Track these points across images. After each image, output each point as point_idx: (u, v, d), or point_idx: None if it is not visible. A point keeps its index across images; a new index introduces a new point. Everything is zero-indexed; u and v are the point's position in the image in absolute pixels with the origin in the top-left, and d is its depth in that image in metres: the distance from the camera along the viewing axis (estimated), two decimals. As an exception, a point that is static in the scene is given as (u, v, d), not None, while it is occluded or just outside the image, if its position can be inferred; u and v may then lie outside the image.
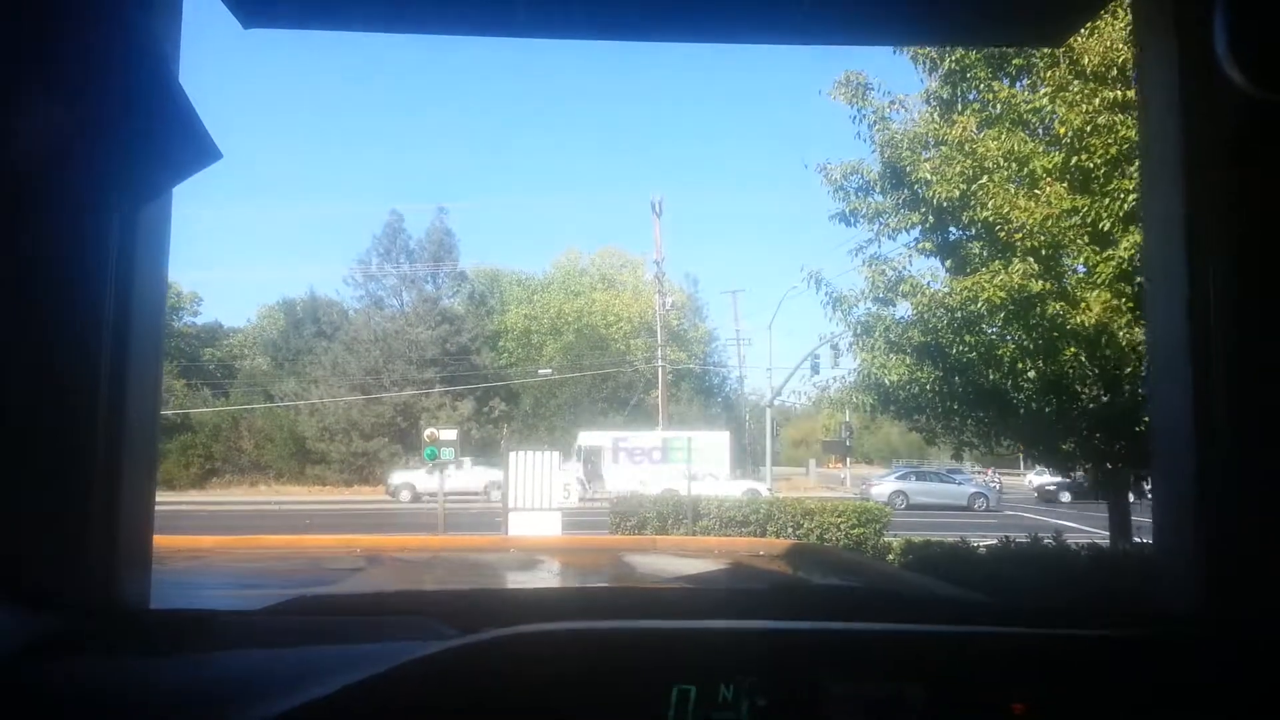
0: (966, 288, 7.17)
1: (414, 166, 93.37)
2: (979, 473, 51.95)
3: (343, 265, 56.74)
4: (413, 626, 1.24)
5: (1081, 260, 7.52)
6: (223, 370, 54.10)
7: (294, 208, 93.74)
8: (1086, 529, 22.10)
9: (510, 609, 1.37)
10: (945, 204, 7.61)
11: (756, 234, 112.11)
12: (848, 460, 54.17)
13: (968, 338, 7.63)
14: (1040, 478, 50.03)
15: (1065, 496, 43.01)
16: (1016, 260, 7.24)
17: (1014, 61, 8.38)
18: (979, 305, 7.14)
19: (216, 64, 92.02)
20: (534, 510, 11.01)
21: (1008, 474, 55.60)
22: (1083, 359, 7.72)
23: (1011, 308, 7.19)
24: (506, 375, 47.12)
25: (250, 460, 46.08)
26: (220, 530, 19.78)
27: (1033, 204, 7.24)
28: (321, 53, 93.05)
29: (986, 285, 7.10)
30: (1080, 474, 8.91)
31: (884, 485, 32.65)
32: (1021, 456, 50.07)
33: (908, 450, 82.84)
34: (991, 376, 7.88)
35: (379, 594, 2.01)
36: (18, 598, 1.17)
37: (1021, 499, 38.71)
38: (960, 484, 34.35)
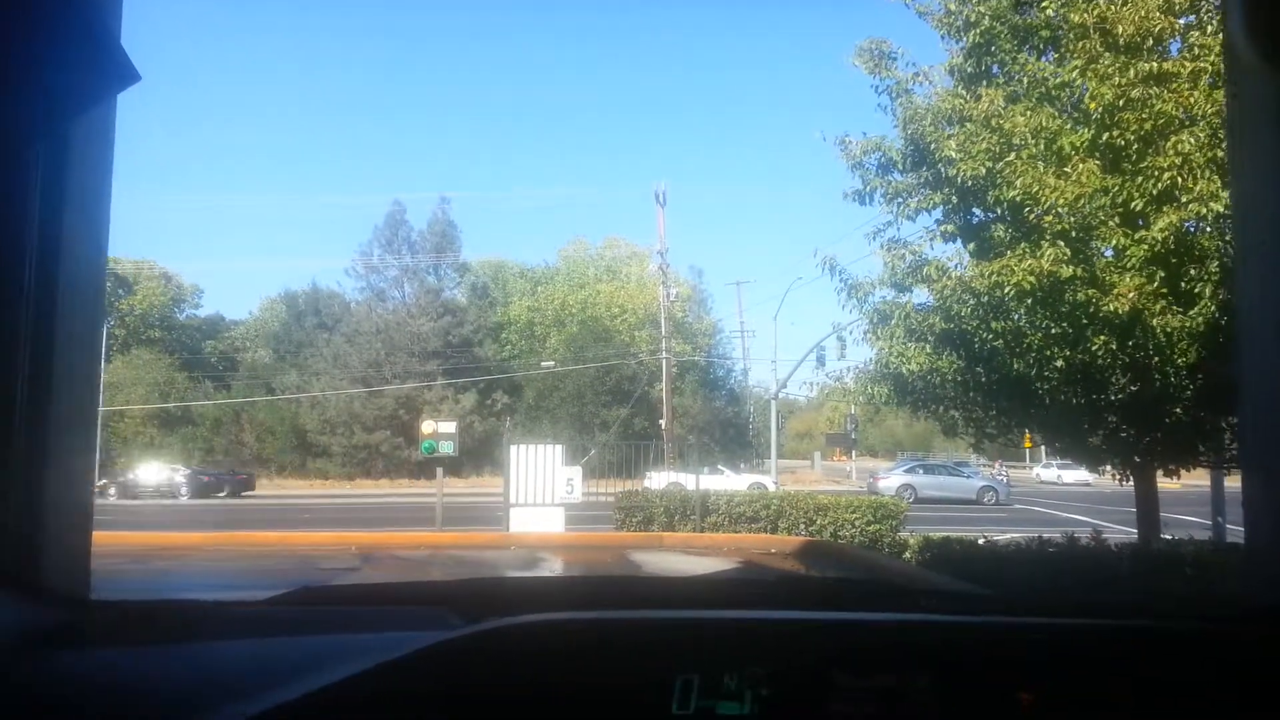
0: (995, 271, 6.75)
1: (417, 156, 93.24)
2: (985, 466, 51.62)
3: (344, 257, 56.46)
4: (418, 616, 1.24)
5: (1113, 243, 7.10)
6: (224, 363, 53.94)
7: (297, 199, 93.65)
8: (1101, 523, 21.74)
9: (516, 599, 1.35)
10: (970, 183, 7.21)
11: (762, 225, 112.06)
12: (853, 453, 53.82)
13: (994, 325, 7.22)
14: (1048, 471, 49.74)
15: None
16: (1046, 244, 6.83)
17: (1041, 33, 7.97)
18: (1007, 290, 6.72)
19: (217, 60, 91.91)
20: (536, 506, 10.64)
21: (1014, 467, 55.29)
22: (1113, 347, 7.32)
23: (1040, 294, 6.79)
24: (509, 368, 46.82)
25: (251, 454, 45.90)
26: (216, 526, 19.49)
27: (1063, 183, 6.84)
28: (325, 43, 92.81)
29: (1015, 269, 6.68)
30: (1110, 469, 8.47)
31: (891, 479, 32.23)
32: (1028, 450, 49.93)
33: (912, 443, 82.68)
34: (1016, 366, 7.49)
35: (384, 584, 2.02)
36: None
37: (1029, 492, 38.37)
38: (969, 477, 33.92)
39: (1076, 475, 47.55)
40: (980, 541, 8.58)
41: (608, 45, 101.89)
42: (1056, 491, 40.52)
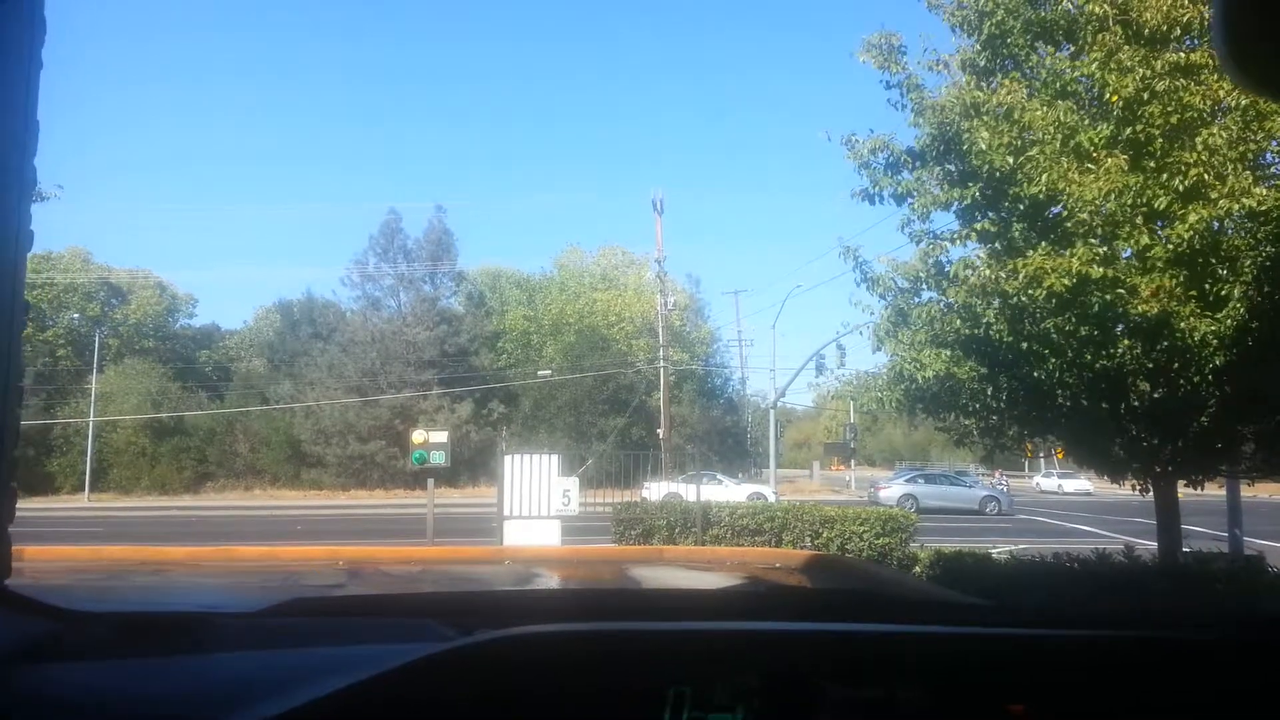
0: (1029, 272, 6.36)
1: (413, 165, 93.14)
2: (984, 475, 51.28)
3: (340, 266, 56.04)
4: (411, 628, 1.23)
5: (1138, 242, 6.75)
6: (219, 373, 53.46)
7: (293, 207, 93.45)
8: (1107, 534, 21.38)
9: (508, 611, 1.35)
10: (997, 175, 6.86)
11: (759, 234, 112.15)
12: (852, 462, 53.40)
13: (1027, 328, 6.84)
14: (1049, 480, 49.41)
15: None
16: (1079, 242, 6.49)
17: (1058, 25, 7.65)
18: (1040, 292, 6.34)
19: (212, 70, 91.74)
20: (531, 518, 10.24)
21: (1014, 476, 54.92)
22: (1137, 352, 6.98)
23: (1066, 295, 6.43)
24: (506, 377, 46.40)
25: (245, 464, 45.43)
26: (208, 539, 19.09)
27: (1087, 178, 6.50)
28: (320, 50, 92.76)
29: (1049, 270, 6.30)
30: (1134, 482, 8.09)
31: (893, 488, 31.82)
32: (1028, 459, 49.67)
33: (910, 452, 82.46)
34: (1038, 374, 7.13)
35: (376, 595, 1.95)
36: None
37: (1031, 501, 37.99)
38: (970, 487, 33.50)
39: (1077, 484, 47.35)
40: (997, 554, 8.19)
41: (604, 53, 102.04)
42: (1058, 501, 40.17)
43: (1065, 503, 38.47)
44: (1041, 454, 28.82)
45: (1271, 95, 1.07)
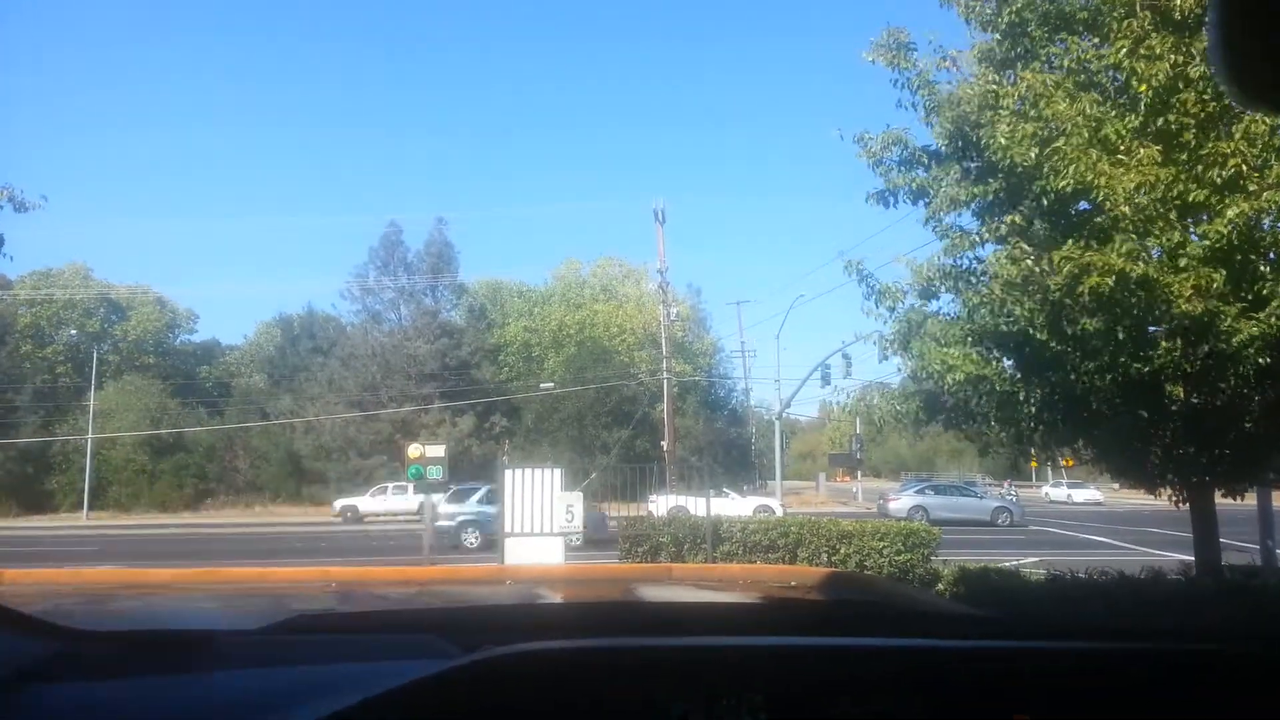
0: (1071, 268, 5.96)
1: (414, 176, 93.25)
2: (993, 485, 50.76)
3: (340, 278, 55.80)
4: (414, 645, 1.22)
5: (1173, 238, 6.36)
6: (218, 388, 53.12)
7: (294, 221, 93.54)
8: (1123, 545, 20.91)
9: (514, 626, 1.33)
10: (1018, 172, 6.50)
11: (760, 244, 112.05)
12: (859, 473, 52.87)
13: (1069, 329, 6.44)
14: (1058, 490, 48.88)
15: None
16: (1116, 237, 6.11)
17: (1079, 16, 7.30)
18: (1082, 289, 5.95)
19: (213, 74, 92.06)
20: (533, 535, 9.80)
21: (1022, 486, 54.37)
22: (1176, 355, 6.58)
23: (1107, 295, 6.04)
24: (507, 390, 46.00)
25: (245, 480, 45.04)
26: (202, 558, 18.65)
27: (1120, 170, 6.12)
28: (319, 61, 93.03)
29: (1094, 265, 5.89)
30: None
31: (902, 500, 31.26)
32: (1034, 469, 48.78)
33: (916, 463, 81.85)
34: (1071, 376, 6.74)
35: (379, 612, 1.87)
36: None
37: (1041, 512, 37.43)
38: (982, 498, 32.92)
39: (1087, 494, 46.85)
40: (1024, 569, 7.75)
41: (605, 61, 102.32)
42: (1068, 511, 39.65)
43: (1076, 513, 37.93)
44: (1049, 464, 28.22)
45: (1271, 109, 1.02)
